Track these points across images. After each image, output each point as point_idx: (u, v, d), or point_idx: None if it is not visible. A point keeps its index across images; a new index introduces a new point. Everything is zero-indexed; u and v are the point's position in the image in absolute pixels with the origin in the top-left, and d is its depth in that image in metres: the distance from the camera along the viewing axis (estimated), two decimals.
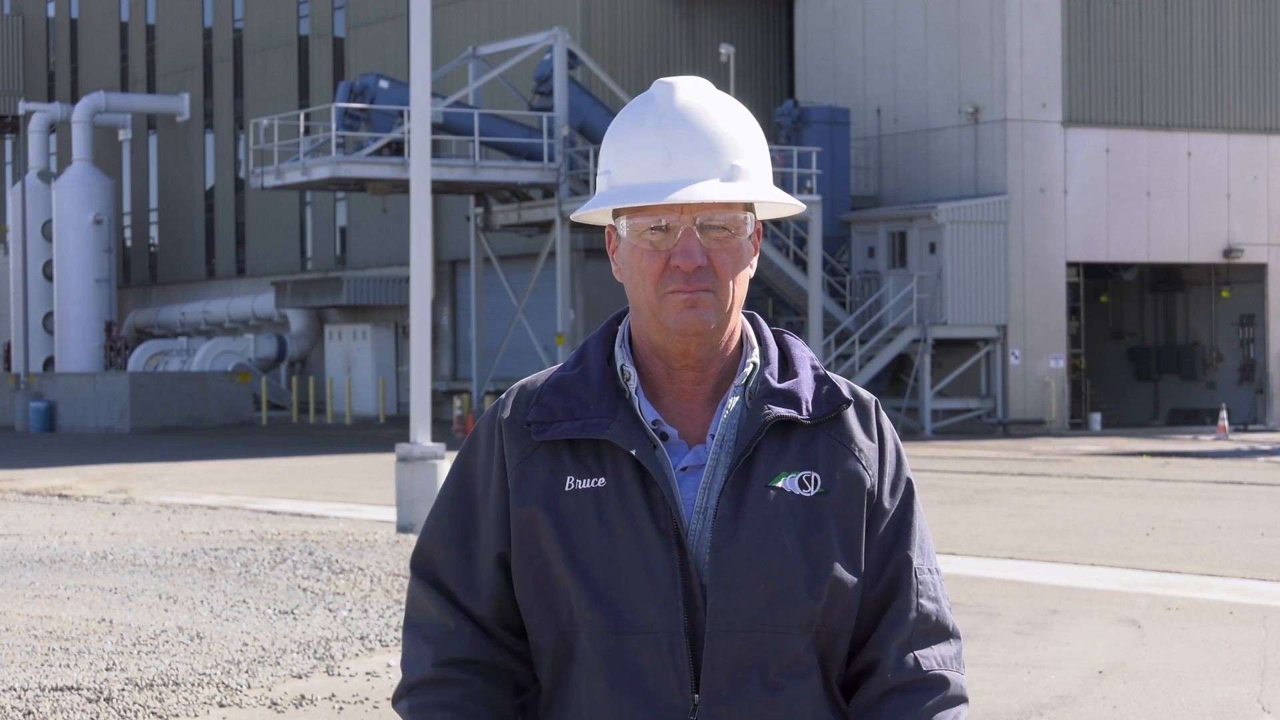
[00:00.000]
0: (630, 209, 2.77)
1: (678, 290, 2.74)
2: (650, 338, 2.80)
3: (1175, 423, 45.56)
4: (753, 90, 47.22)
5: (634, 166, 2.77)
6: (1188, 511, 20.77)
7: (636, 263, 2.77)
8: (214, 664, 10.86)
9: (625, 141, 2.79)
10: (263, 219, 58.57)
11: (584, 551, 2.75)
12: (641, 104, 2.81)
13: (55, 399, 50.00)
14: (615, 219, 2.82)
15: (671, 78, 2.82)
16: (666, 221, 2.75)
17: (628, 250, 2.79)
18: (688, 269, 2.74)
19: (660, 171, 2.75)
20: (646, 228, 2.76)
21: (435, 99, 38.35)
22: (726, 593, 2.73)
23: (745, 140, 2.79)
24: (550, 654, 2.80)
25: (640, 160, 2.77)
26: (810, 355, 2.89)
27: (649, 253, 2.76)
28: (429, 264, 18.87)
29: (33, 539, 18.42)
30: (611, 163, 2.80)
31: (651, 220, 2.75)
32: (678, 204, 2.73)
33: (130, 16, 65.08)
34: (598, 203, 2.80)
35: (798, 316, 41.74)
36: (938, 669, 2.82)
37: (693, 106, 2.78)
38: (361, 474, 28.70)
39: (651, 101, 2.80)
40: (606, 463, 2.77)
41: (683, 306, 2.74)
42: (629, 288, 2.81)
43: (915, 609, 2.83)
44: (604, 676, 2.74)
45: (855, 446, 2.83)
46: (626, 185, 2.77)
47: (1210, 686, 10.10)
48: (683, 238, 2.75)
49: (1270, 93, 44.94)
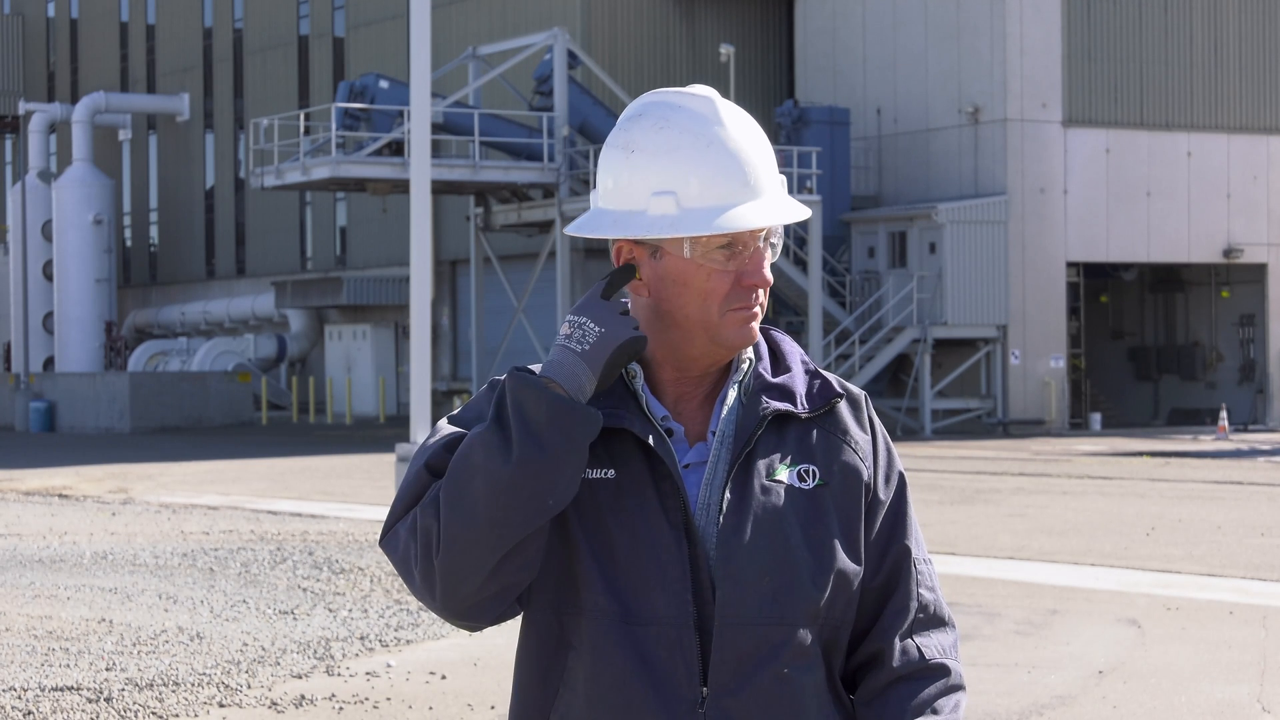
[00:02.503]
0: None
1: (743, 307, 2.75)
2: (685, 350, 2.79)
3: (1175, 423, 45.57)
4: (753, 90, 47.23)
5: (710, 188, 2.73)
6: (1188, 511, 20.77)
7: (700, 282, 2.75)
8: (214, 664, 10.86)
9: (696, 162, 2.73)
10: (263, 219, 58.57)
11: (596, 541, 2.75)
12: (695, 121, 2.75)
13: (55, 399, 50.00)
14: (664, 239, 2.76)
15: (691, 90, 2.79)
16: (741, 241, 2.75)
17: (686, 269, 2.75)
18: (760, 286, 2.76)
19: (743, 191, 2.73)
20: (716, 246, 2.75)
21: (435, 99, 38.35)
22: (734, 585, 2.74)
23: (772, 152, 2.82)
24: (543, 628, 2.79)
25: (719, 181, 2.73)
26: (799, 351, 2.91)
27: (718, 272, 2.74)
28: (429, 264, 18.87)
29: (33, 539, 18.42)
30: (678, 184, 2.74)
31: (725, 239, 2.74)
32: (769, 225, 2.73)
33: (130, 16, 65.08)
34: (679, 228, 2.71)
35: (798, 316, 41.76)
36: (939, 658, 2.86)
37: (739, 122, 2.78)
38: (361, 474, 28.71)
39: (705, 120, 2.75)
40: (617, 454, 2.77)
41: (744, 323, 2.76)
42: (674, 304, 2.76)
43: (915, 599, 2.87)
44: (612, 667, 2.74)
45: (850, 439, 2.85)
46: (705, 208, 2.73)
47: (1210, 686, 10.10)
48: (754, 256, 2.75)
49: (1270, 93, 44.95)
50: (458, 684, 10.27)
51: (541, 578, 2.77)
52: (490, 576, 2.66)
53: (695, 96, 2.78)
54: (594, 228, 2.79)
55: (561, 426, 2.63)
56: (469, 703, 9.76)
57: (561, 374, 2.68)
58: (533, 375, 2.68)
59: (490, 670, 10.63)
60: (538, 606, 2.80)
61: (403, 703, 9.78)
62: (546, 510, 2.65)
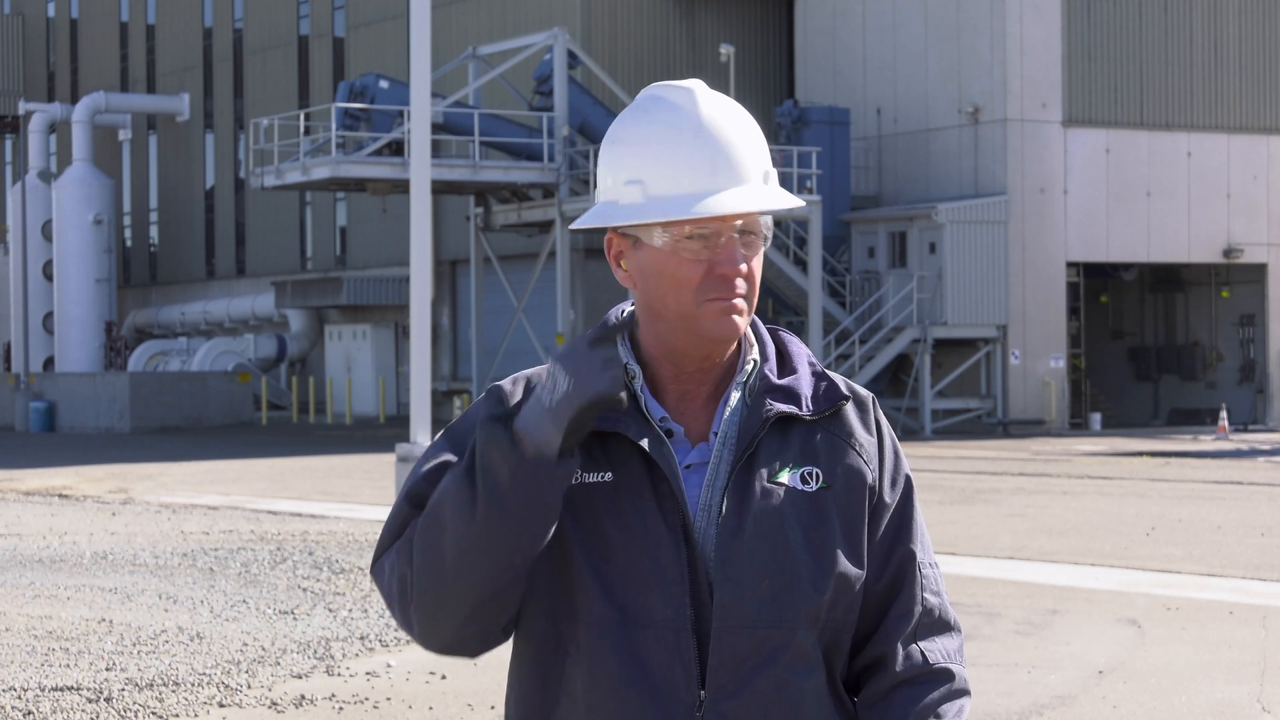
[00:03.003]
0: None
1: (719, 298, 2.73)
2: (672, 343, 2.78)
3: (1175, 423, 45.56)
4: (753, 90, 47.23)
5: (677, 176, 2.73)
6: (1188, 511, 20.76)
7: (674, 271, 2.74)
8: (214, 664, 10.86)
9: (662, 151, 2.74)
10: (263, 219, 58.57)
11: (592, 545, 2.74)
12: (668, 111, 2.76)
13: (55, 399, 50.00)
14: (640, 228, 2.78)
15: (677, 83, 2.79)
16: (711, 230, 2.73)
17: (660, 258, 2.75)
18: (734, 276, 2.73)
19: (708, 180, 2.72)
20: (685, 235, 2.74)
21: (435, 99, 38.35)
22: (732, 588, 2.73)
23: (762, 144, 2.79)
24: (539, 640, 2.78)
25: (684, 170, 2.73)
26: (806, 352, 2.90)
27: (690, 261, 2.73)
28: (429, 264, 18.87)
29: (33, 539, 18.42)
30: (645, 172, 2.75)
31: (694, 228, 2.73)
32: (730, 213, 2.72)
33: (130, 16, 65.08)
34: (643, 215, 2.74)
35: (798, 316, 41.75)
36: (943, 662, 2.83)
37: (720, 112, 2.76)
38: (361, 474, 28.71)
39: (679, 109, 2.76)
40: (614, 457, 2.76)
41: (722, 314, 2.73)
42: (653, 295, 2.77)
43: (920, 603, 2.85)
44: (610, 671, 2.73)
45: (855, 442, 2.84)
46: (671, 195, 2.73)
47: (1210, 686, 10.10)
48: (726, 245, 2.73)
49: (1270, 93, 44.94)
50: (458, 684, 10.26)
51: (536, 586, 2.76)
52: (466, 620, 2.68)
53: (677, 88, 2.78)
54: (581, 220, 2.82)
55: (524, 489, 2.61)
56: (469, 703, 9.76)
57: (529, 427, 2.63)
58: (501, 431, 2.63)
59: (490, 670, 10.62)
60: (534, 614, 2.78)
61: (403, 703, 9.78)
62: (514, 567, 2.65)
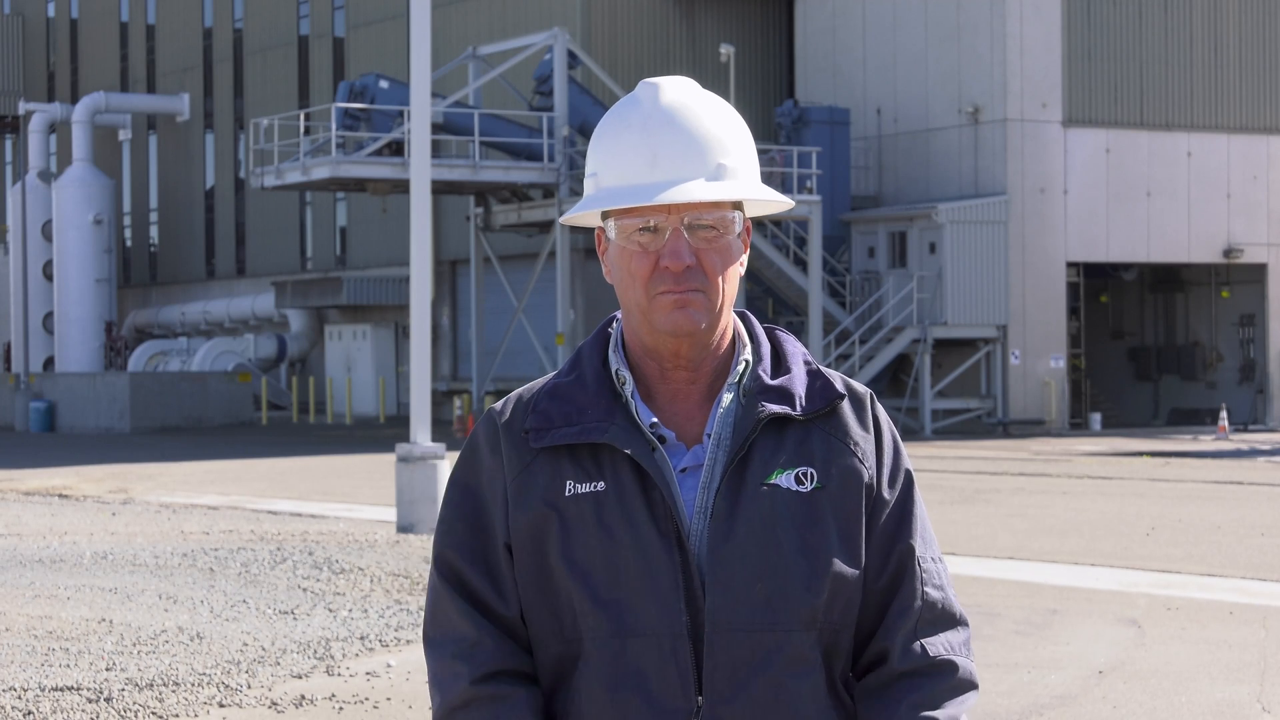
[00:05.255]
0: (619, 211, 2.76)
1: (668, 291, 2.74)
2: (642, 339, 2.80)
3: (1175, 423, 45.56)
4: (753, 90, 47.23)
5: (620, 168, 2.76)
6: (1188, 511, 20.77)
7: (626, 265, 2.77)
8: (214, 664, 10.86)
9: (611, 143, 2.78)
10: (263, 219, 58.57)
11: (586, 555, 2.74)
12: (626, 105, 2.80)
13: (55, 399, 50.00)
14: (604, 221, 2.81)
15: (656, 78, 2.82)
16: (655, 222, 2.74)
17: (617, 252, 2.78)
18: (677, 269, 2.73)
19: (647, 173, 2.74)
20: (635, 229, 2.75)
21: (435, 99, 38.34)
22: (724, 592, 2.72)
23: (731, 138, 2.78)
24: (553, 660, 2.78)
25: (626, 162, 2.76)
26: (803, 351, 2.89)
27: (638, 254, 2.75)
28: (429, 264, 18.87)
29: (33, 539, 18.41)
30: (598, 165, 2.79)
31: (640, 221, 2.75)
32: (665, 205, 2.72)
33: (130, 16, 65.07)
34: (585, 205, 2.79)
35: (798, 316, 41.75)
36: (945, 655, 2.82)
37: (678, 106, 2.77)
38: (361, 474, 28.71)
39: (636, 102, 2.79)
40: (606, 467, 2.76)
41: (673, 307, 2.74)
42: (619, 290, 2.80)
43: (920, 598, 2.83)
44: (607, 680, 2.73)
45: (851, 440, 2.83)
46: (613, 187, 2.76)
47: (1210, 686, 10.10)
48: (671, 238, 2.74)
49: (1270, 93, 44.94)
50: None
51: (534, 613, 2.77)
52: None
53: (645, 84, 2.81)
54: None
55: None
56: None
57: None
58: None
59: None
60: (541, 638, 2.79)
61: (403, 703, 9.78)
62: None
